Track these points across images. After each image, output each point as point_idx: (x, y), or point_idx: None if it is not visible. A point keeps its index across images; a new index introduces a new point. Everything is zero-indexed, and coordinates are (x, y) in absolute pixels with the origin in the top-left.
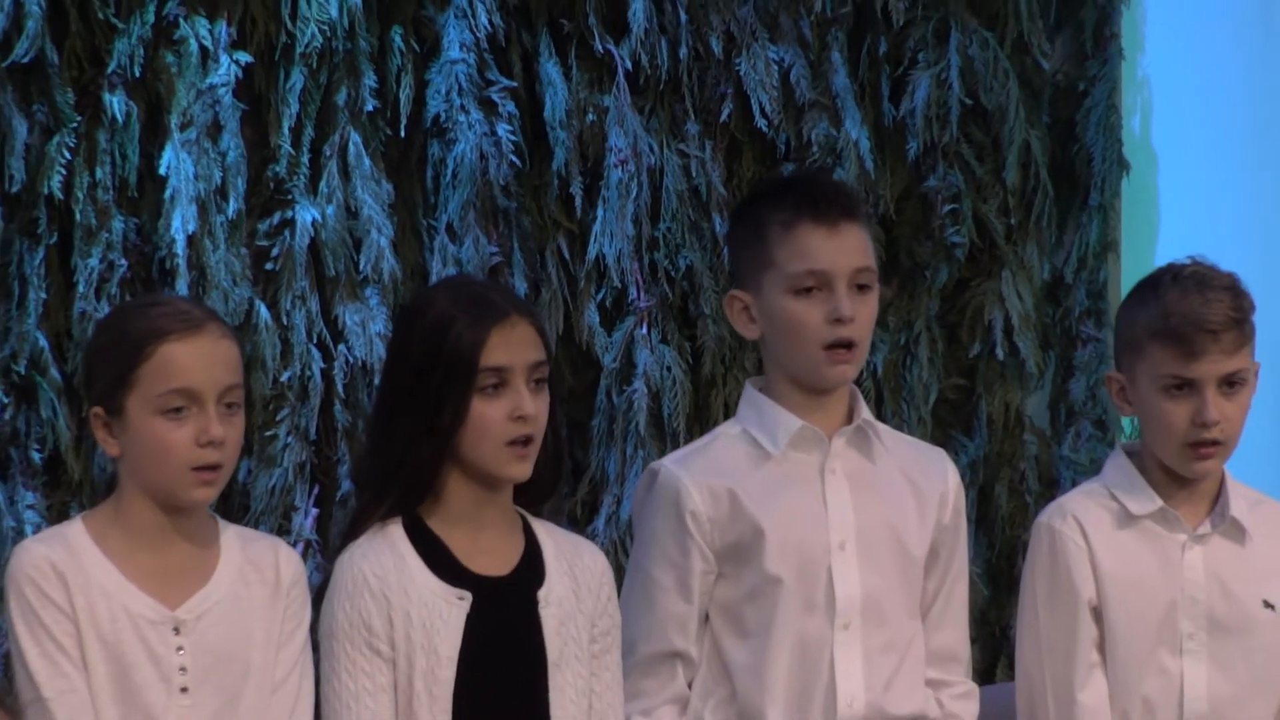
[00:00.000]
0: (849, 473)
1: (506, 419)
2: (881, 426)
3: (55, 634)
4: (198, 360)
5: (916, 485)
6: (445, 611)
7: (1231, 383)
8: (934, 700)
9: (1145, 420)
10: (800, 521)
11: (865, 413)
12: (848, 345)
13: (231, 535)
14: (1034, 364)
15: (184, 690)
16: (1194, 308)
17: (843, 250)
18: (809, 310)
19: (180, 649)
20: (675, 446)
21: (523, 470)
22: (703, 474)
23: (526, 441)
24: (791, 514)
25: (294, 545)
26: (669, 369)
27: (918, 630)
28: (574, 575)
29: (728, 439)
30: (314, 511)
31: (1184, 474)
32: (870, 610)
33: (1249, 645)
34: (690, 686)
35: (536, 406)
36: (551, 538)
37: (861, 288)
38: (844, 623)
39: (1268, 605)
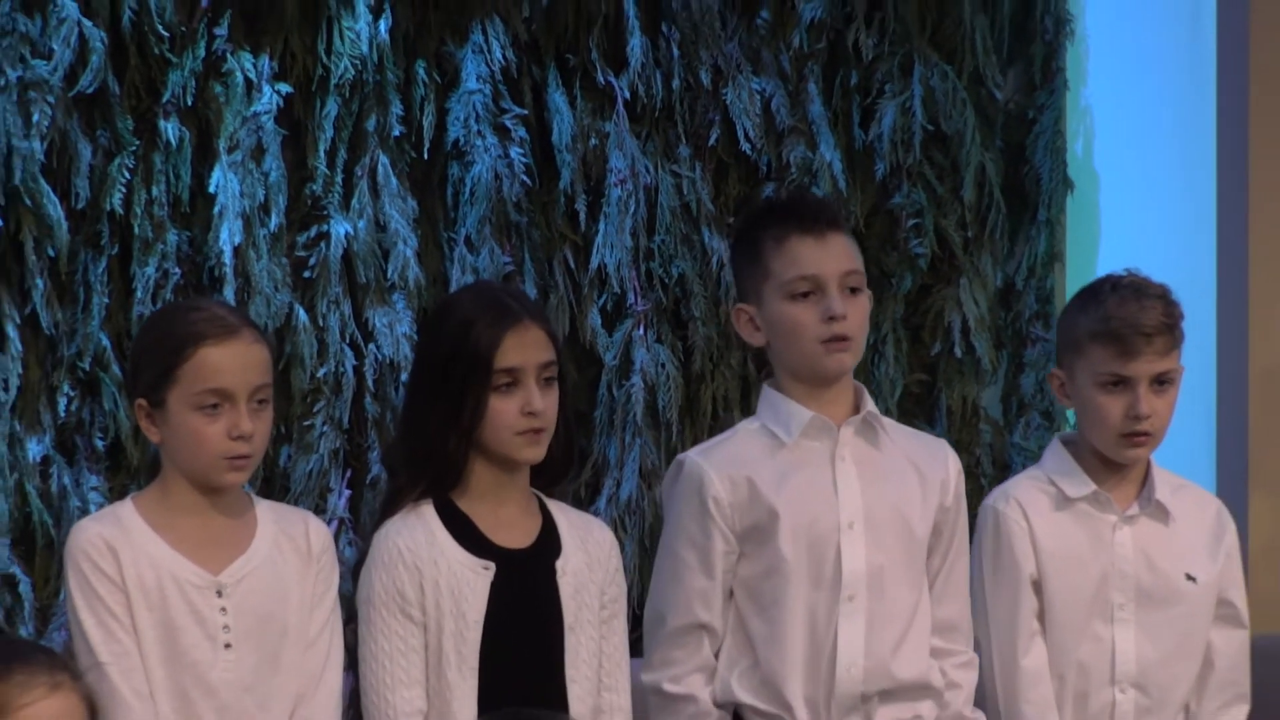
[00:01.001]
0: (857, 459)
1: (519, 414)
2: (886, 419)
3: (109, 604)
4: (231, 363)
5: (920, 471)
6: (472, 580)
7: (1162, 381)
8: (937, 669)
9: (1083, 413)
10: (812, 503)
11: (870, 406)
12: (843, 338)
13: (265, 508)
14: (988, 361)
15: (228, 647)
16: (1131, 313)
17: (831, 256)
18: (805, 312)
19: (224, 610)
20: (669, 435)
21: (536, 453)
22: (723, 464)
23: (537, 432)
24: (803, 496)
25: (329, 522)
26: (663, 366)
27: (922, 603)
28: (586, 549)
29: (747, 433)
30: (347, 493)
31: (1117, 460)
32: (874, 584)
33: (1173, 614)
34: (716, 657)
35: (546, 402)
36: (565, 515)
37: (852, 290)
38: (849, 595)
39: (1189, 578)
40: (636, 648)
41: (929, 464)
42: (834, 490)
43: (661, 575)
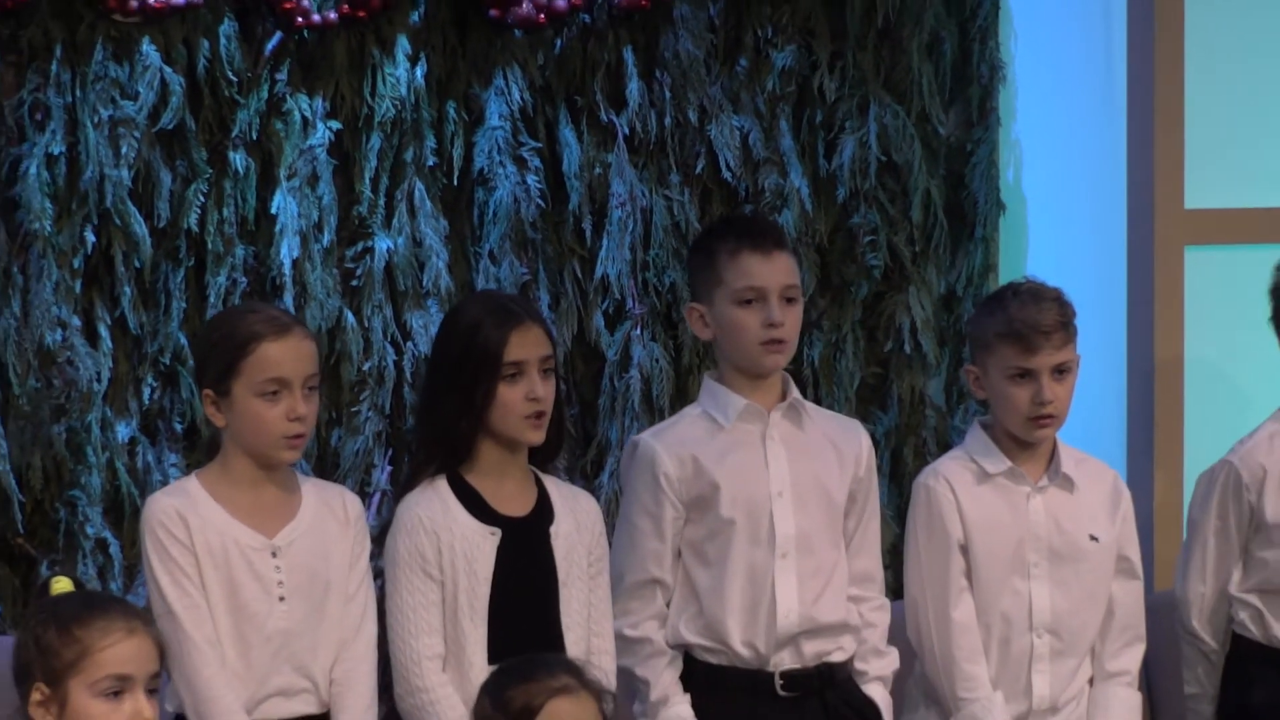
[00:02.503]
0: (784, 439)
1: (524, 400)
2: (809, 404)
3: (180, 563)
4: (287, 356)
5: (838, 447)
6: (481, 544)
7: (1061, 371)
8: (855, 611)
9: (996, 402)
10: (747, 476)
11: (795, 393)
12: (779, 341)
13: (309, 484)
14: (933, 357)
15: (282, 600)
16: (1031, 315)
17: (774, 271)
18: (749, 317)
19: (278, 568)
20: (661, 419)
21: (537, 437)
22: (672, 444)
23: (539, 415)
24: (740, 470)
25: (372, 494)
26: (656, 360)
27: (841, 559)
28: (575, 516)
29: (691, 417)
30: (388, 468)
31: (1028, 440)
32: (802, 543)
33: (1080, 570)
34: (668, 606)
35: (545, 389)
36: (557, 488)
37: (790, 300)
38: (782, 553)
39: (1092, 538)
40: None
41: (845, 442)
42: (765, 465)
43: (620, 539)
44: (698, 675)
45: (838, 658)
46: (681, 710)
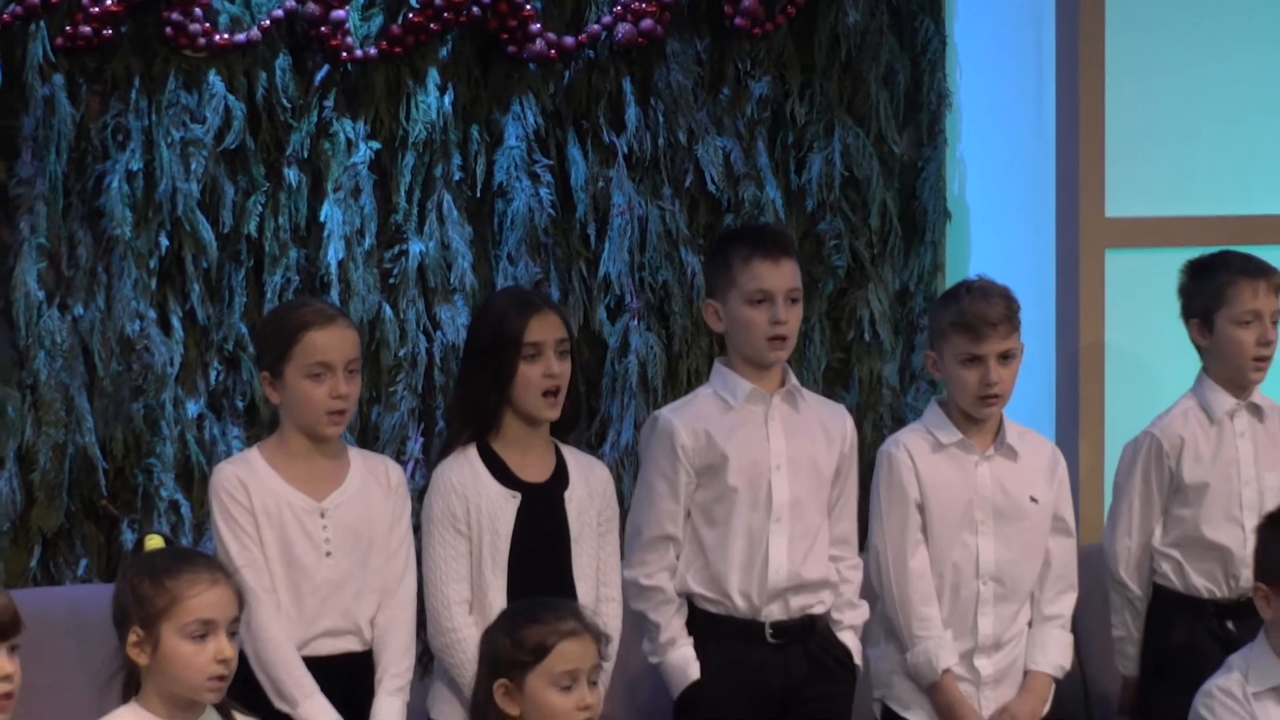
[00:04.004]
0: (783, 419)
1: (541, 376)
2: (805, 390)
3: (241, 523)
4: (331, 343)
5: (827, 429)
6: (503, 506)
7: (1006, 357)
8: (834, 569)
9: (950, 382)
10: (751, 450)
11: (793, 380)
12: (782, 338)
13: (355, 453)
14: (889, 344)
15: (328, 555)
16: (980, 308)
17: (781, 276)
18: (758, 315)
19: (325, 528)
20: (656, 398)
21: (553, 413)
22: (688, 419)
23: (555, 392)
24: (745, 445)
25: (407, 462)
26: (651, 348)
27: (824, 524)
28: (588, 483)
29: (704, 397)
30: (420, 440)
31: (977, 416)
32: (795, 510)
33: (1021, 527)
34: (678, 559)
35: (561, 368)
36: (574, 457)
37: (793, 301)
38: (776, 518)
39: (1032, 500)
40: None
41: (832, 424)
42: (766, 441)
43: (639, 500)
44: (699, 623)
45: (818, 610)
46: (686, 651)
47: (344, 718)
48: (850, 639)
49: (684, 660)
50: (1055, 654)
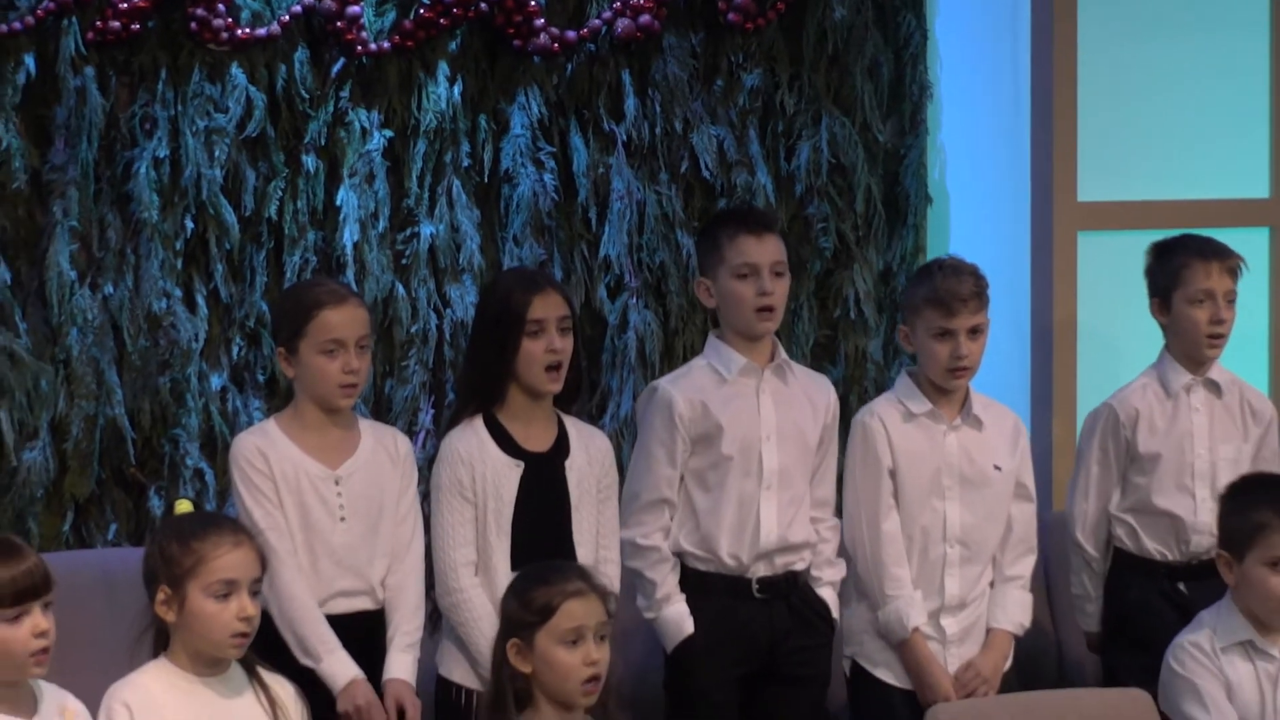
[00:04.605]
0: (773, 392)
1: (544, 352)
2: (793, 364)
3: (262, 489)
4: (343, 320)
5: (812, 400)
6: (507, 473)
7: (975, 331)
8: (814, 531)
9: (921, 355)
10: (744, 421)
11: (782, 355)
12: (770, 308)
13: (366, 424)
14: (873, 322)
15: (342, 520)
16: (951, 286)
17: (766, 250)
18: (745, 288)
19: (339, 494)
20: (652, 374)
21: (555, 386)
22: (685, 390)
23: (558, 366)
24: (738, 415)
25: (418, 432)
26: (649, 324)
27: (808, 489)
28: (588, 452)
29: (699, 369)
30: (431, 412)
31: (946, 387)
32: (783, 477)
33: (985, 493)
34: (672, 520)
35: (563, 344)
36: (575, 427)
37: (778, 274)
38: (767, 485)
39: (996, 468)
40: None
41: (818, 396)
42: (758, 412)
43: (637, 464)
44: (690, 580)
45: (799, 567)
46: (680, 607)
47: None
48: (829, 594)
49: (678, 615)
50: (1016, 613)
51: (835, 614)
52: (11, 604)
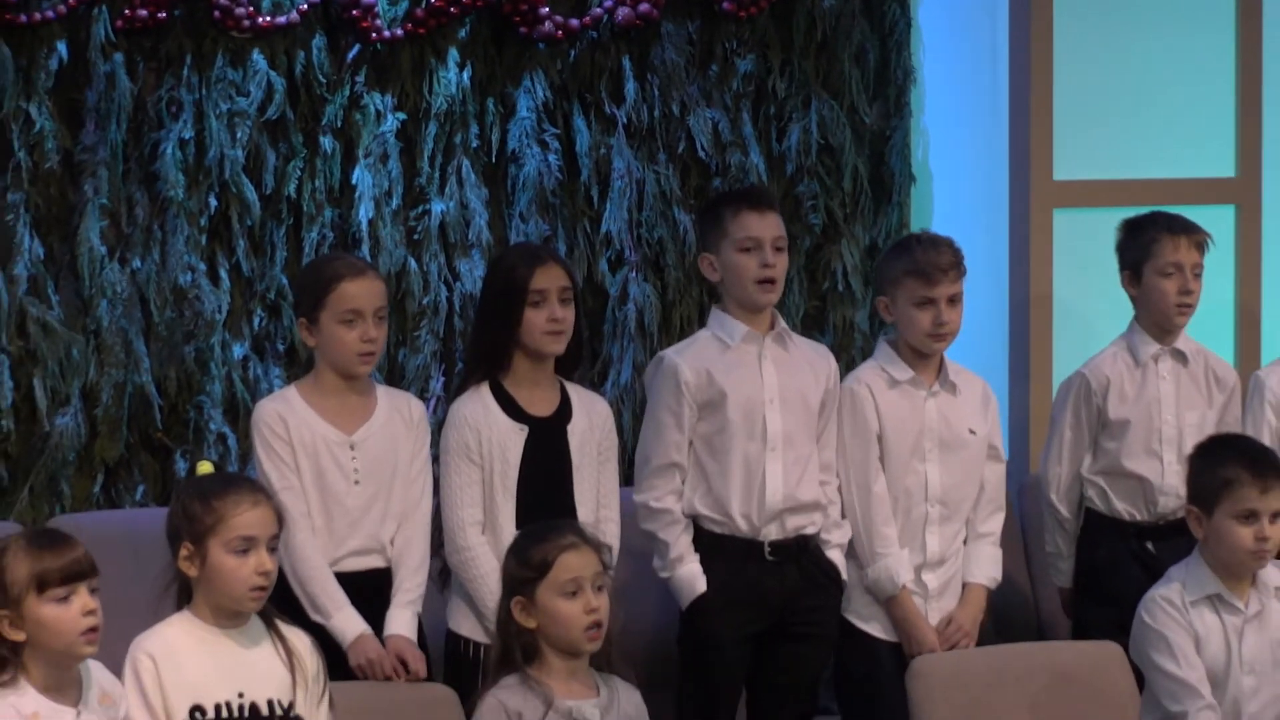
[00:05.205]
0: (775, 358)
1: (545, 320)
2: (793, 334)
3: (281, 454)
4: (362, 292)
5: (814, 366)
6: (513, 437)
7: (953, 300)
8: (823, 492)
9: (903, 324)
10: (747, 386)
11: (782, 324)
12: (771, 280)
13: (381, 390)
14: (860, 294)
15: (357, 483)
16: (931, 256)
17: (768, 225)
18: (748, 261)
19: (354, 458)
20: (651, 344)
21: (557, 347)
22: (691, 359)
23: (559, 333)
24: (742, 381)
25: (429, 399)
26: (648, 296)
27: (814, 451)
28: (589, 417)
29: (704, 339)
30: (442, 379)
31: (926, 352)
32: (787, 440)
33: (961, 456)
34: (683, 484)
35: (564, 314)
36: (577, 393)
37: (779, 249)
38: (772, 447)
39: (971, 432)
40: (630, 480)
41: (818, 363)
42: (760, 378)
43: (648, 431)
44: (704, 541)
45: (810, 530)
46: (693, 567)
47: (370, 626)
48: (837, 556)
49: (691, 575)
50: (989, 567)
51: (844, 576)
52: (60, 583)
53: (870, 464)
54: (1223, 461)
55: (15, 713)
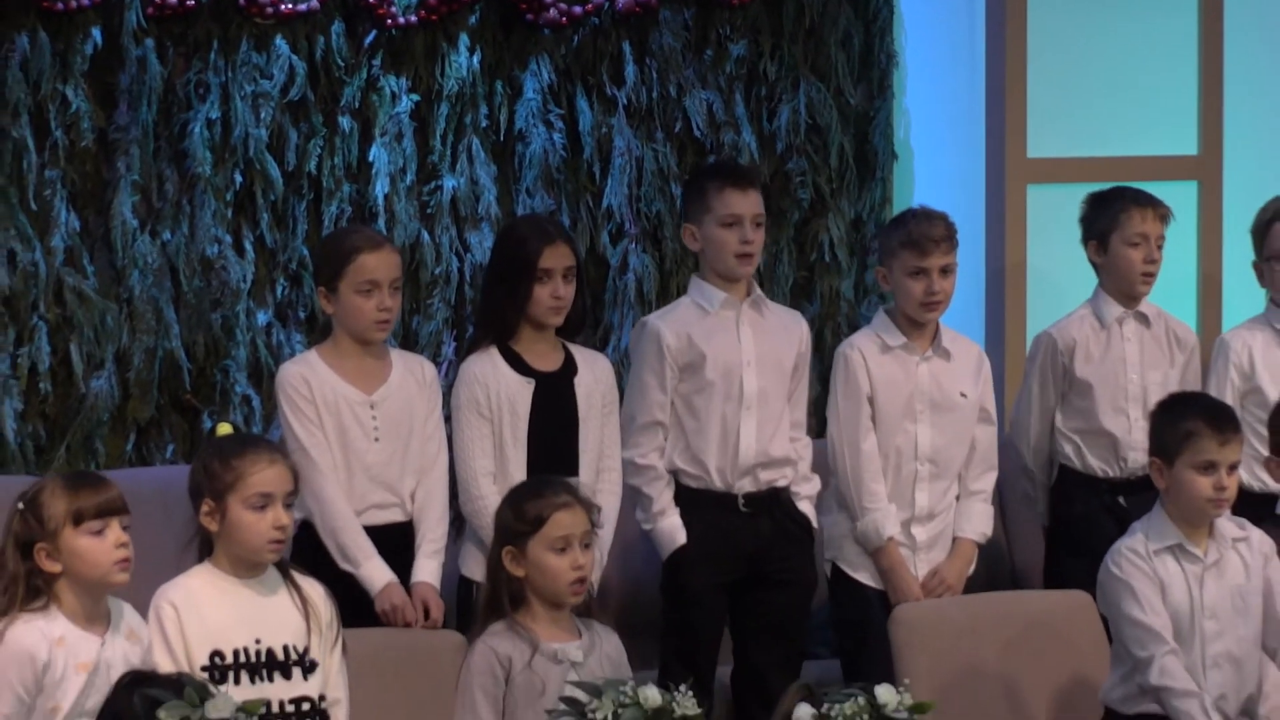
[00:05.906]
0: (751, 323)
1: (550, 297)
2: (768, 300)
3: (306, 412)
4: (379, 264)
5: (787, 330)
6: (521, 390)
7: (946, 270)
8: (794, 448)
9: (898, 293)
10: (725, 349)
11: (757, 291)
12: (749, 254)
13: (395, 353)
14: (846, 264)
15: (376, 440)
16: (925, 229)
17: (749, 202)
18: (729, 236)
19: (374, 417)
20: (650, 309)
21: (557, 320)
22: (672, 323)
23: (560, 310)
24: (720, 345)
25: (442, 363)
26: (646, 267)
27: (786, 410)
28: (593, 372)
29: (684, 305)
30: (453, 344)
31: (919, 320)
32: (761, 399)
33: (953, 417)
34: (665, 441)
35: (566, 290)
36: (580, 352)
37: (758, 224)
38: (747, 406)
39: (962, 395)
40: None
41: (792, 328)
42: (738, 341)
43: (631, 392)
44: (682, 495)
45: (781, 484)
46: (674, 520)
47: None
48: (807, 507)
49: (672, 528)
50: (979, 523)
51: (815, 524)
52: (96, 517)
53: (860, 423)
54: (1184, 415)
55: (42, 635)
